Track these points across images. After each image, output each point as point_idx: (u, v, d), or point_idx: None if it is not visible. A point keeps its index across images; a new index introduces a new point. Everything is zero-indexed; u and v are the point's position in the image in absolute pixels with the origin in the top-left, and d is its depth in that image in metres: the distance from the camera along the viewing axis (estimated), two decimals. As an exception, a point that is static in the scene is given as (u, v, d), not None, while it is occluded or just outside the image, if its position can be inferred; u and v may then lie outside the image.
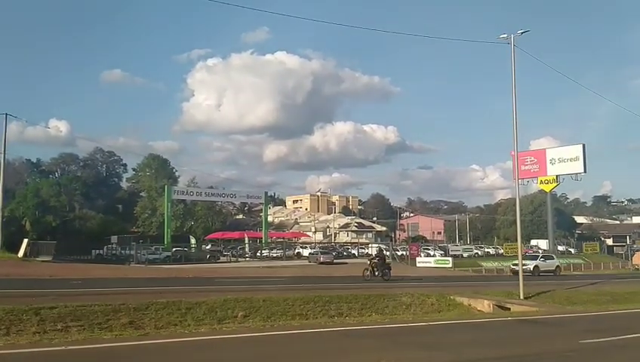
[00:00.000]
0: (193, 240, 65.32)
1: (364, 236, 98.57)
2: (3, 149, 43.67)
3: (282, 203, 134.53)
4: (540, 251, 62.25)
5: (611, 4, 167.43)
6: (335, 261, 50.95)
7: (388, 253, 60.88)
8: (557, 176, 63.08)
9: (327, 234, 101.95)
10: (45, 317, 13.91)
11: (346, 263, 52.05)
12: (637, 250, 72.74)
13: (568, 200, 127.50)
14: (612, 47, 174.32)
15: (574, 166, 61.54)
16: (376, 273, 30.66)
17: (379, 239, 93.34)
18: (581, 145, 62.08)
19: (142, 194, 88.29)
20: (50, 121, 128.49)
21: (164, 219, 61.63)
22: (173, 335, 11.94)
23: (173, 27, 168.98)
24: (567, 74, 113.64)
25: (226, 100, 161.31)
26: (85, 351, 9.68)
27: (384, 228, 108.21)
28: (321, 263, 48.49)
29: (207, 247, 62.08)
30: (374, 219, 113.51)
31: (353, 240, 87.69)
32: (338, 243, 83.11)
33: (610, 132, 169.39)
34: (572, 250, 74.40)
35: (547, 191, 67.29)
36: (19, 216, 64.94)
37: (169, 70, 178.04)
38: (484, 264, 58.10)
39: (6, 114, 43.14)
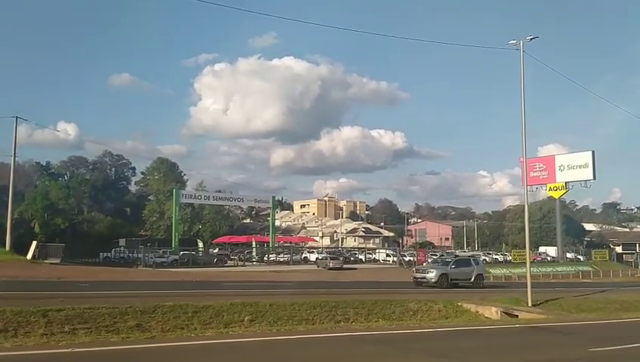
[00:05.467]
0: (201, 244, 65.44)
1: (371, 241, 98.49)
2: (13, 152, 44.08)
3: (290, 207, 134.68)
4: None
5: (620, 11, 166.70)
6: (344, 266, 50.70)
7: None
8: (566, 182, 62.69)
9: (335, 239, 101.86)
10: (53, 319, 13.97)
11: (355, 268, 51.93)
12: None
13: (577, 208, 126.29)
14: (621, 54, 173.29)
15: (583, 173, 61.16)
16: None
17: (386, 244, 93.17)
18: (590, 152, 61.69)
19: (150, 197, 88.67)
20: (59, 123, 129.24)
21: (172, 223, 61.76)
22: (179, 339, 11.97)
23: (181, 32, 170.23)
24: (576, 80, 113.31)
25: (233, 105, 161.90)
26: (92, 354, 9.72)
27: (392, 234, 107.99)
28: (331, 269, 48.14)
29: (215, 251, 62.14)
30: (382, 224, 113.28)
31: (360, 246, 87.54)
32: (345, 248, 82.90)
33: (619, 139, 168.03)
34: (581, 258, 73.57)
35: (556, 198, 66.88)
36: (28, 219, 65.39)
37: (177, 74, 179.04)
38: (492, 271, 57.55)
39: (16, 117, 43.69)
